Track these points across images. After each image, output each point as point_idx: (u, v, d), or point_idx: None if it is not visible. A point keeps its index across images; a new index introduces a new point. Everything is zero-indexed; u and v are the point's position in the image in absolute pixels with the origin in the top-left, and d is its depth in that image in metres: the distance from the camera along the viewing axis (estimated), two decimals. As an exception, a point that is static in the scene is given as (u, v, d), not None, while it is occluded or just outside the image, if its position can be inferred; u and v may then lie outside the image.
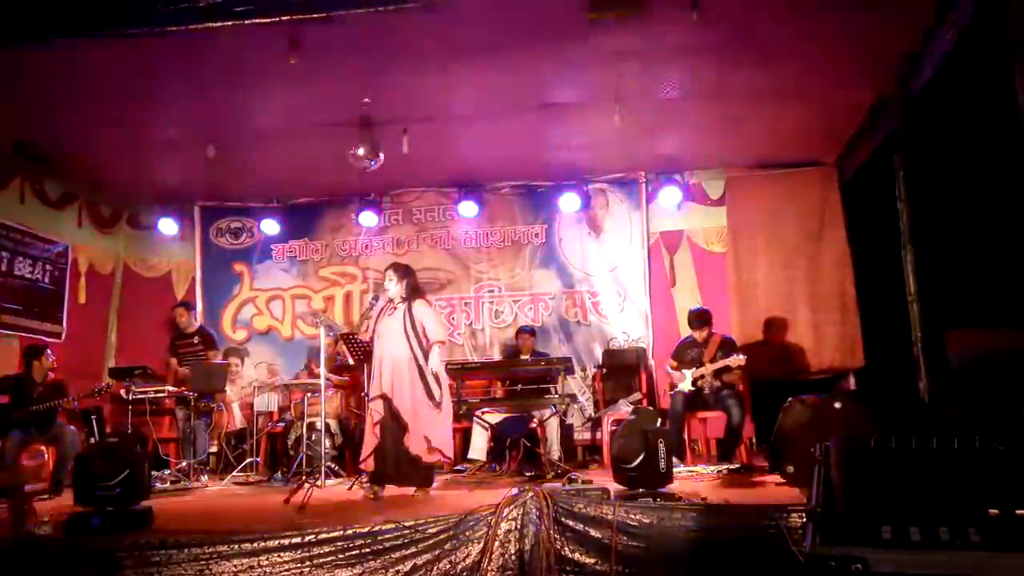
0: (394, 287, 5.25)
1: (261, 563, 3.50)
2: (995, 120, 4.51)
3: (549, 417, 6.32)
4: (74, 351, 7.67)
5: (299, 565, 3.51)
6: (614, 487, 4.15)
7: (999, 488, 1.88)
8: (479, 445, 6.47)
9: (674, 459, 5.86)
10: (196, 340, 7.40)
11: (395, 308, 5.25)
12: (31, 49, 5.05)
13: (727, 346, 6.36)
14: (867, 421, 4.23)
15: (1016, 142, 4.23)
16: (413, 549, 3.58)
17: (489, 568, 3.58)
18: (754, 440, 6.73)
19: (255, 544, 3.53)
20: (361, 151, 6.25)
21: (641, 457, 4.02)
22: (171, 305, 7.89)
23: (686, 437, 6.33)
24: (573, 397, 7.19)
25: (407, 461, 5.02)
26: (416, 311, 5.21)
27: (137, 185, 8.12)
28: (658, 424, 4.29)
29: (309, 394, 6.62)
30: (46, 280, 7.59)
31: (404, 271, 5.36)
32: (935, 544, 1.77)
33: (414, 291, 5.31)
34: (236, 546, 3.52)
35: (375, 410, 5.12)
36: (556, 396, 6.35)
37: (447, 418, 5.23)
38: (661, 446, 4.03)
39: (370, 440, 5.14)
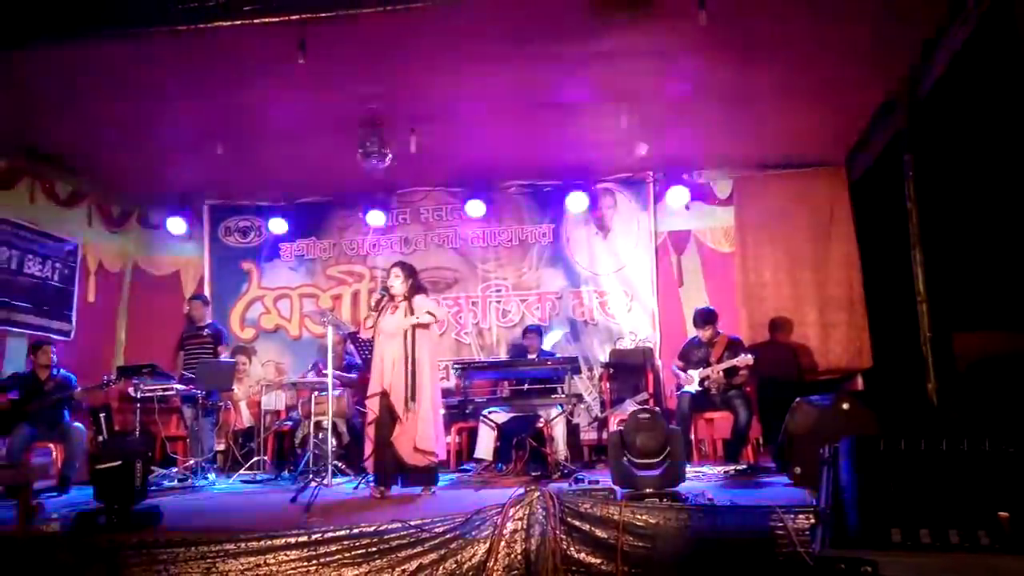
0: (399, 284, 5.29)
1: (268, 562, 3.51)
2: (1004, 120, 4.49)
3: (555, 417, 6.31)
4: (83, 349, 7.70)
5: (305, 564, 3.52)
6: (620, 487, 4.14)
7: (1009, 491, 1.86)
8: (485, 445, 6.46)
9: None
10: (205, 333, 7.43)
11: (397, 306, 5.29)
12: (40, 49, 5.07)
13: (734, 346, 6.34)
14: (875, 423, 4.21)
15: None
16: (419, 548, 3.59)
17: (495, 568, 3.57)
18: (761, 441, 6.70)
19: (262, 543, 3.54)
20: (369, 150, 6.26)
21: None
22: (182, 301, 7.90)
23: (693, 438, 6.30)
24: (580, 397, 7.16)
25: (403, 459, 5.04)
26: (416, 304, 5.23)
27: (147, 184, 8.14)
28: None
29: (316, 393, 6.63)
30: (55, 278, 7.61)
31: (409, 270, 5.39)
32: (945, 547, 1.76)
33: (416, 289, 5.33)
34: (243, 544, 3.54)
35: (371, 408, 5.14)
36: (563, 396, 6.35)
37: (430, 414, 5.11)
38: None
39: (368, 440, 5.17)
